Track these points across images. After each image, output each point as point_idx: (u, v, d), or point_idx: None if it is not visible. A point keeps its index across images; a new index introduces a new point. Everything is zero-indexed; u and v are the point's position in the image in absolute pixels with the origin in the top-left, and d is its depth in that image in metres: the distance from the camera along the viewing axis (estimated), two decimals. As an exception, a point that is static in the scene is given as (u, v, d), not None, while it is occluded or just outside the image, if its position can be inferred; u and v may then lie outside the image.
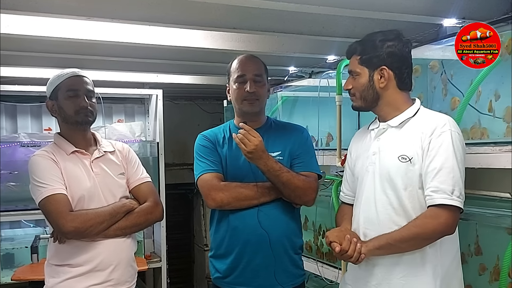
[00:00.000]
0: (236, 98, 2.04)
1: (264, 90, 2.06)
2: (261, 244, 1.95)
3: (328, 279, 2.90)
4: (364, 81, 1.77)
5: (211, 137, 2.08)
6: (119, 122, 4.28)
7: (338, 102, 2.70)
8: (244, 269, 1.97)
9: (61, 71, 2.01)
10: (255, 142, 1.85)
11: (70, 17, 1.99)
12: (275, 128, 2.11)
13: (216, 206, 1.96)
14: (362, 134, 1.95)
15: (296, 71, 3.50)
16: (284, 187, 1.93)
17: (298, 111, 3.55)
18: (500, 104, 1.97)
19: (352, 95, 1.82)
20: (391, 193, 1.70)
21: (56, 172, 1.90)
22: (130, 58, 2.98)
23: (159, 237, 4.01)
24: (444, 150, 1.61)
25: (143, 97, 4.31)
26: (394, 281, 1.70)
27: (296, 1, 1.84)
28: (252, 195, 1.94)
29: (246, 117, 2.04)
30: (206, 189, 1.96)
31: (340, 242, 1.70)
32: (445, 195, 1.59)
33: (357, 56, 1.78)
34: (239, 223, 1.97)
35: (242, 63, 2.05)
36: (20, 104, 3.97)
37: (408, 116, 1.74)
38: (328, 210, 2.87)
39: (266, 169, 1.89)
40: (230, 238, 1.99)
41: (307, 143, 2.11)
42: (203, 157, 2.02)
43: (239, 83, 2.02)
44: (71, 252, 1.90)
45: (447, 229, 1.61)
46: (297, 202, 2.01)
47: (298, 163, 2.03)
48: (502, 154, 1.81)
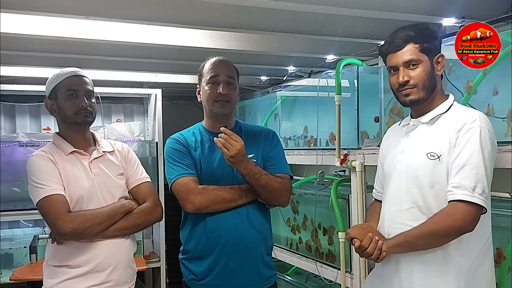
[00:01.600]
0: (207, 99, 2.05)
1: (235, 93, 2.07)
2: (238, 246, 1.98)
3: (327, 279, 2.89)
4: (427, 68, 1.69)
5: (183, 140, 2.08)
6: (118, 121, 4.28)
7: (337, 102, 2.69)
8: (220, 271, 1.99)
9: (61, 70, 2.00)
10: (237, 147, 1.86)
11: (69, 16, 1.99)
12: (245, 131, 2.12)
13: (195, 210, 1.97)
14: (394, 130, 1.93)
15: (295, 71, 3.50)
16: (262, 189, 1.96)
17: (297, 110, 3.55)
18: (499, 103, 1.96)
19: (412, 87, 1.70)
20: (416, 191, 1.68)
21: (54, 172, 1.89)
22: (129, 57, 2.98)
23: (158, 237, 4.00)
24: (470, 146, 1.58)
25: (142, 97, 4.30)
26: (415, 281, 1.68)
27: (296, 1, 1.84)
28: (229, 197, 1.96)
29: (216, 119, 2.06)
30: (184, 193, 1.97)
31: (361, 238, 1.70)
32: (466, 191, 1.55)
33: (415, 44, 1.69)
34: (217, 225, 1.98)
35: (215, 65, 2.06)
36: (19, 104, 3.96)
37: (440, 112, 1.71)
38: (327, 210, 2.86)
39: (246, 173, 1.92)
40: (207, 240, 2.00)
41: (278, 145, 2.14)
42: (177, 161, 2.02)
43: (212, 84, 2.03)
44: (69, 253, 1.89)
45: (464, 225, 1.56)
46: (273, 203, 2.06)
47: (271, 166, 2.07)
48: (502, 154, 1.81)
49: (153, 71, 3.66)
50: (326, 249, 3.00)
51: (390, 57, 1.75)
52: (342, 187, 2.79)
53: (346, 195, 2.71)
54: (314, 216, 3.06)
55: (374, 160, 2.41)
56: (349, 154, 2.64)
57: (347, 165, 2.62)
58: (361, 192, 2.55)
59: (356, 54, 2.75)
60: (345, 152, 2.66)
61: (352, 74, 2.74)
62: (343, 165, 2.64)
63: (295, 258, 3.25)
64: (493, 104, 2.00)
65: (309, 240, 3.16)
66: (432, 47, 1.70)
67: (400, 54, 1.71)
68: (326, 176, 2.91)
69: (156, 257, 4.04)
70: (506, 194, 2.03)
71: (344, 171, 2.80)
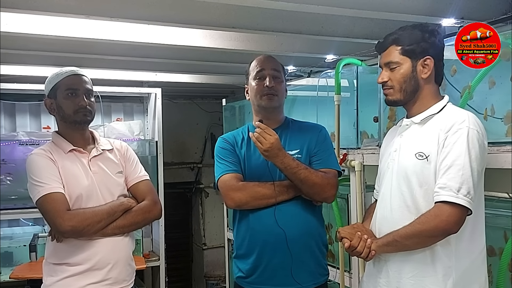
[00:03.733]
0: (255, 94, 2.05)
1: (282, 87, 2.08)
2: (279, 244, 1.95)
3: (327, 279, 2.90)
4: (406, 71, 1.70)
5: (230, 139, 2.11)
6: (118, 120, 4.28)
7: (336, 102, 2.70)
8: (264, 269, 1.98)
9: (60, 69, 2.01)
10: (271, 140, 1.85)
11: (69, 15, 2.00)
12: (292, 127, 2.12)
13: (235, 206, 1.98)
14: (392, 131, 1.93)
15: (295, 71, 3.51)
16: (302, 184, 1.92)
17: (297, 110, 3.54)
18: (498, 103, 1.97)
19: (389, 88, 1.75)
20: (406, 191, 1.69)
21: (54, 171, 1.90)
22: (129, 56, 2.98)
23: (158, 236, 4.01)
24: (457, 147, 1.58)
25: (142, 96, 4.31)
26: (403, 280, 1.68)
27: (295, 1, 1.85)
28: (269, 193, 1.94)
29: (264, 113, 2.05)
30: (225, 190, 1.98)
31: (351, 238, 1.72)
32: (451, 192, 1.56)
33: (397, 47, 1.71)
34: (257, 224, 1.98)
35: (260, 61, 2.08)
36: (19, 103, 3.96)
37: (432, 112, 1.71)
38: (326, 209, 2.87)
39: (283, 167, 1.89)
40: (250, 238, 2.01)
41: (325, 141, 2.09)
42: (222, 159, 2.04)
43: (258, 79, 2.04)
44: (69, 250, 1.90)
45: (449, 227, 1.57)
46: (316, 198, 2.00)
47: (317, 161, 2.03)
48: (500, 154, 1.82)
49: (153, 70, 3.67)
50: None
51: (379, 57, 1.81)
52: (341, 187, 2.79)
53: (345, 195, 2.72)
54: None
55: (373, 159, 2.42)
56: (348, 154, 2.65)
57: (347, 165, 2.62)
58: (360, 191, 2.55)
59: (356, 54, 2.76)
60: (345, 151, 2.67)
61: (351, 74, 2.74)
62: (342, 165, 2.65)
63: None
64: (493, 103, 2.00)
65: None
66: (417, 50, 1.70)
67: (383, 55, 1.76)
68: (326, 175, 2.91)
69: (155, 256, 4.04)
70: (504, 194, 2.03)
71: (344, 170, 2.80)
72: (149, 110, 4.27)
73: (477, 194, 1.61)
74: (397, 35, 1.73)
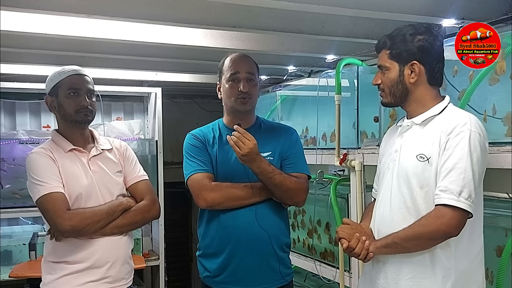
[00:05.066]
0: (229, 96, 2.03)
1: (256, 89, 2.06)
2: (253, 244, 1.97)
3: (326, 278, 2.90)
4: (393, 76, 1.72)
5: (201, 136, 2.08)
6: (118, 120, 4.29)
7: (337, 102, 2.70)
8: (235, 268, 1.98)
9: (62, 68, 2.01)
10: (249, 146, 1.85)
11: (70, 14, 1.99)
12: (264, 128, 2.12)
13: (207, 206, 1.97)
14: (392, 130, 1.93)
15: (296, 70, 3.50)
16: (276, 188, 1.95)
17: (297, 110, 3.55)
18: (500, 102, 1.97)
19: (381, 91, 1.78)
20: (406, 192, 1.68)
21: (54, 170, 1.90)
22: (129, 56, 2.98)
23: (157, 235, 4.01)
24: (459, 150, 1.57)
25: (142, 95, 4.31)
26: (402, 282, 1.68)
27: (296, 0, 1.84)
28: (243, 195, 1.96)
29: (237, 115, 2.04)
30: (197, 189, 1.97)
31: (349, 239, 1.72)
32: (452, 196, 1.55)
33: (386, 51, 1.73)
34: (231, 222, 1.98)
35: (235, 62, 2.04)
36: (19, 101, 3.97)
37: (433, 114, 1.70)
38: (326, 209, 2.87)
39: (259, 171, 1.90)
40: (221, 237, 2.00)
41: (297, 145, 2.11)
42: (194, 157, 2.03)
43: (232, 82, 2.02)
44: (68, 249, 1.90)
45: (450, 230, 1.57)
46: (289, 202, 2.05)
47: (288, 164, 2.05)
48: (500, 155, 1.82)
49: (153, 69, 3.67)
50: (322, 248, 3.01)
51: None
52: (342, 187, 2.80)
53: (345, 195, 2.72)
54: (313, 215, 3.07)
55: (374, 159, 2.42)
56: (349, 154, 2.65)
57: (347, 165, 2.62)
58: (360, 191, 2.55)
59: (356, 54, 2.76)
60: (345, 151, 2.67)
61: (352, 74, 2.74)
62: (342, 165, 2.65)
63: (293, 257, 3.25)
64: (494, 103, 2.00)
65: (307, 239, 3.17)
66: (404, 55, 1.69)
67: (378, 57, 1.78)
68: (326, 175, 2.92)
69: (155, 255, 4.04)
70: (504, 194, 2.04)
71: (344, 170, 2.81)
72: (149, 109, 4.27)
73: (477, 196, 1.60)
74: (387, 38, 1.74)
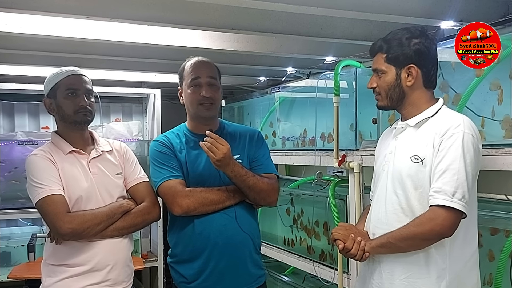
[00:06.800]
0: (191, 102, 2.02)
1: (219, 93, 2.04)
2: (228, 247, 1.97)
3: (325, 280, 2.90)
4: (390, 79, 1.72)
5: (167, 142, 2.06)
6: (117, 121, 4.29)
7: (335, 103, 2.70)
8: (211, 273, 1.98)
9: (60, 69, 2.00)
10: (223, 150, 1.84)
11: (69, 16, 1.99)
12: (229, 132, 2.11)
13: (183, 213, 1.95)
14: (387, 133, 1.94)
15: (294, 72, 3.51)
16: (250, 190, 1.96)
17: (296, 111, 3.56)
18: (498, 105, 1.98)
19: (377, 94, 1.78)
20: (401, 193, 1.69)
21: (54, 172, 1.89)
22: (128, 57, 2.99)
23: (156, 236, 4.01)
24: (452, 151, 1.59)
25: (141, 97, 4.31)
26: (396, 282, 1.69)
27: (295, 2, 1.85)
28: (217, 199, 1.96)
29: (200, 121, 2.04)
30: (171, 196, 1.95)
31: (345, 240, 1.73)
32: (446, 196, 1.57)
33: (382, 54, 1.73)
34: (205, 227, 1.97)
35: (196, 67, 2.02)
36: (18, 103, 3.97)
37: (426, 116, 1.70)
38: (325, 210, 2.87)
39: (233, 175, 1.91)
40: (196, 243, 1.99)
41: (263, 145, 2.13)
42: (163, 164, 2.00)
43: (194, 87, 2.00)
44: (68, 252, 1.90)
45: (444, 230, 1.59)
46: (262, 203, 2.06)
47: (258, 166, 2.06)
48: (499, 157, 1.82)
49: (152, 71, 3.67)
50: (320, 249, 3.01)
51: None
52: (340, 188, 2.80)
53: (344, 196, 2.73)
54: (312, 216, 3.07)
55: (372, 161, 2.41)
56: (347, 155, 2.65)
57: (345, 166, 2.62)
58: (358, 193, 2.55)
59: (355, 55, 2.76)
60: (343, 153, 2.67)
61: (350, 75, 2.75)
62: (341, 166, 2.65)
63: (292, 258, 3.26)
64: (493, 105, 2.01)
65: (305, 239, 3.17)
66: (401, 58, 1.70)
67: (373, 61, 1.78)
68: (324, 177, 2.92)
69: (153, 256, 4.05)
70: (502, 196, 2.04)
71: (342, 172, 2.81)
72: (148, 110, 4.28)
73: (471, 197, 1.62)
74: (383, 41, 1.74)
